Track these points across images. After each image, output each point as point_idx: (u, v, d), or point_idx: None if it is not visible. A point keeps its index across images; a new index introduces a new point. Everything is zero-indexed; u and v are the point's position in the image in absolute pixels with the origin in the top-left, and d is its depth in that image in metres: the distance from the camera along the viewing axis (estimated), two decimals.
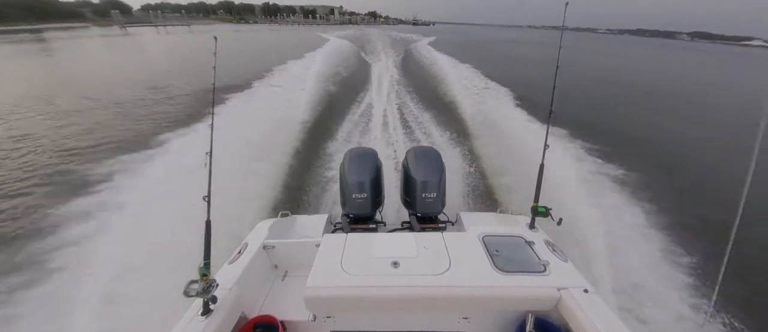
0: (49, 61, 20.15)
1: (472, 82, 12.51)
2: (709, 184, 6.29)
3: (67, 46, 30.26)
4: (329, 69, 14.34)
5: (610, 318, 1.49)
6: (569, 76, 15.98)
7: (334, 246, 1.91)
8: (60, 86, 12.24)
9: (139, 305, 2.67)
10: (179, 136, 6.39)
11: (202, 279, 1.50)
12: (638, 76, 21.93)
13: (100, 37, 42.45)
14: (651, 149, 7.81)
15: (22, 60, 20.07)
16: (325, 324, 1.85)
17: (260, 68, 14.69)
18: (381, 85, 12.78)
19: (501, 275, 1.71)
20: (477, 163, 5.85)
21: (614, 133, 8.48)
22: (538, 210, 2.15)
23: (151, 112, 9.17)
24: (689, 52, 64.54)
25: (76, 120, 8.27)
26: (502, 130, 7.06)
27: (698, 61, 39.88)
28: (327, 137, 7.02)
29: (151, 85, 12.19)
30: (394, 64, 18.17)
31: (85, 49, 28.31)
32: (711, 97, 15.18)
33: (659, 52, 55.67)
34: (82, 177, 5.07)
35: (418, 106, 9.75)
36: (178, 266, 2.67)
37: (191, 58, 21.35)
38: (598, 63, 28.97)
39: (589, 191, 4.54)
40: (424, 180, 2.63)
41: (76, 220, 3.82)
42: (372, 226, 2.69)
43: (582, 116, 9.45)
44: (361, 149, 2.98)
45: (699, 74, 25.24)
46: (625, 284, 3.10)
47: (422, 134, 7.55)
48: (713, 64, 35.95)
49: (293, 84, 11.21)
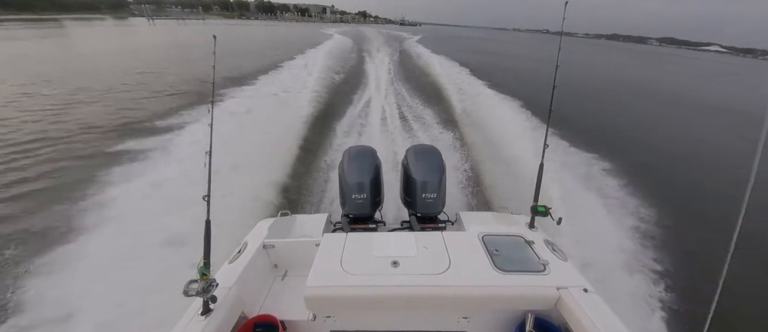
0: (69, 42, 25.71)
1: (453, 69, 15.89)
2: (708, 186, 6.37)
3: (86, 32, 36.63)
4: (331, 64, 15.09)
5: (609, 318, 1.49)
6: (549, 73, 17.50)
7: (333, 246, 1.91)
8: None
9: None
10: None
11: (201, 279, 1.49)
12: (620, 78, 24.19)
13: (124, 27, 49.11)
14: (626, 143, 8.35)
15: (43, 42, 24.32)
16: (324, 324, 1.85)
17: (260, 66, 14.94)
18: (377, 65, 16.00)
19: (501, 274, 1.71)
20: (476, 161, 5.86)
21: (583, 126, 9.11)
22: (537, 210, 2.15)
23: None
24: (660, 55, 71.74)
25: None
26: (501, 128, 7.09)
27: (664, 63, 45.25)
28: (327, 135, 7.04)
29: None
30: (385, 51, 24.71)
31: (99, 34, 34.19)
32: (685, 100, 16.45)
33: (631, 55, 60.26)
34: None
35: (411, 92, 11.24)
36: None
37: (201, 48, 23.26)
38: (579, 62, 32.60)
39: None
40: (425, 181, 2.63)
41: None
42: (372, 226, 2.69)
43: (566, 113, 10.13)
44: (360, 147, 2.96)
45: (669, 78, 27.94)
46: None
47: (415, 120, 8.11)
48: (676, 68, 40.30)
49: (294, 82, 11.25)
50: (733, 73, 41.07)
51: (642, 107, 13.54)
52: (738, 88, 25.33)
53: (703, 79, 29.56)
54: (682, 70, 38.35)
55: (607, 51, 63.45)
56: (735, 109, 14.58)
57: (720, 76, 35.64)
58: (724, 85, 25.93)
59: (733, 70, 49.09)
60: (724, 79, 31.82)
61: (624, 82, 21.25)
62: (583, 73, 24.28)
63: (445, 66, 16.75)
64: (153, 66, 14.88)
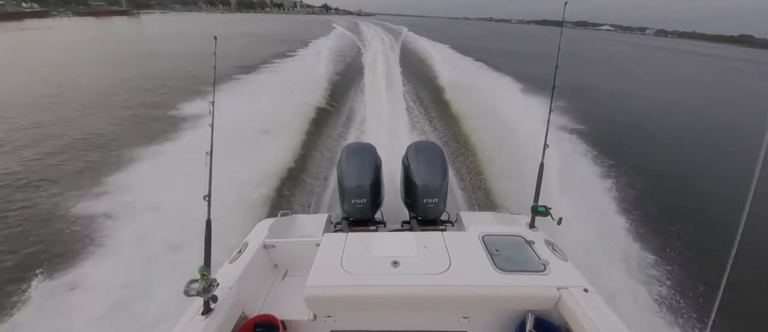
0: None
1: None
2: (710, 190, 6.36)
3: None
4: (331, 59, 15.92)
5: (609, 318, 1.49)
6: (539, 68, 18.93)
7: (334, 246, 1.91)
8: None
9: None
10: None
11: (202, 279, 1.49)
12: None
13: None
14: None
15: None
16: (325, 324, 1.85)
17: (258, 61, 15.12)
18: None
19: (501, 274, 1.71)
20: (475, 160, 5.86)
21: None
22: (538, 210, 2.14)
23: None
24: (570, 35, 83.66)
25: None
26: (503, 127, 7.10)
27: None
28: (327, 133, 7.07)
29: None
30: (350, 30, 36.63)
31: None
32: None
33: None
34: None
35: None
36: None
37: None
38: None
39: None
40: (426, 184, 2.54)
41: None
42: (372, 228, 2.68)
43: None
44: (359, 145, 2.90)
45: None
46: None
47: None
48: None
49: (292, 79, 11.36)
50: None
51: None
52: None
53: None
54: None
55: (546, 36, 67.73)
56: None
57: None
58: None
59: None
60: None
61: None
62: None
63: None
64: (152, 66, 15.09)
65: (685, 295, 3.27)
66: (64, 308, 2.77)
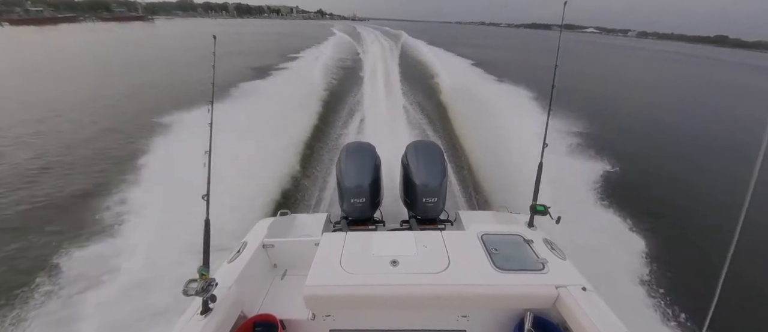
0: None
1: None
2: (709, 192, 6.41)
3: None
4: (330, 59, 16.27)
5: (608, 316, 1.50)
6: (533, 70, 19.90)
7: (333, 245, 1.91)
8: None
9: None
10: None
11: (201, 278, 1.49)
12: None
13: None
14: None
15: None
16: (324, 323, 1.85)
17: (258, 64, 15.37)
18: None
19: (500, 273, 1.71)
20: (475, 159, 5.86)
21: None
22: (536, 209, 2.14)
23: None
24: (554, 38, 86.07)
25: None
26: (500, 125, 7.11)
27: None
28: (327, 131, 7.07)
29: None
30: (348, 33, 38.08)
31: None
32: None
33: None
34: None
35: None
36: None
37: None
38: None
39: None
40: (426, 184, 2.55)
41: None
42: (371, 227, 2.68)
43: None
44: (358, 144, 2.90)
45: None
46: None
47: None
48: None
49: (291, 79, 11.41)
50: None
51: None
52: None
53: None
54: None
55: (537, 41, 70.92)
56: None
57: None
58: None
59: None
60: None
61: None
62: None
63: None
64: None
65: (681, 294, 3.27)
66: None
